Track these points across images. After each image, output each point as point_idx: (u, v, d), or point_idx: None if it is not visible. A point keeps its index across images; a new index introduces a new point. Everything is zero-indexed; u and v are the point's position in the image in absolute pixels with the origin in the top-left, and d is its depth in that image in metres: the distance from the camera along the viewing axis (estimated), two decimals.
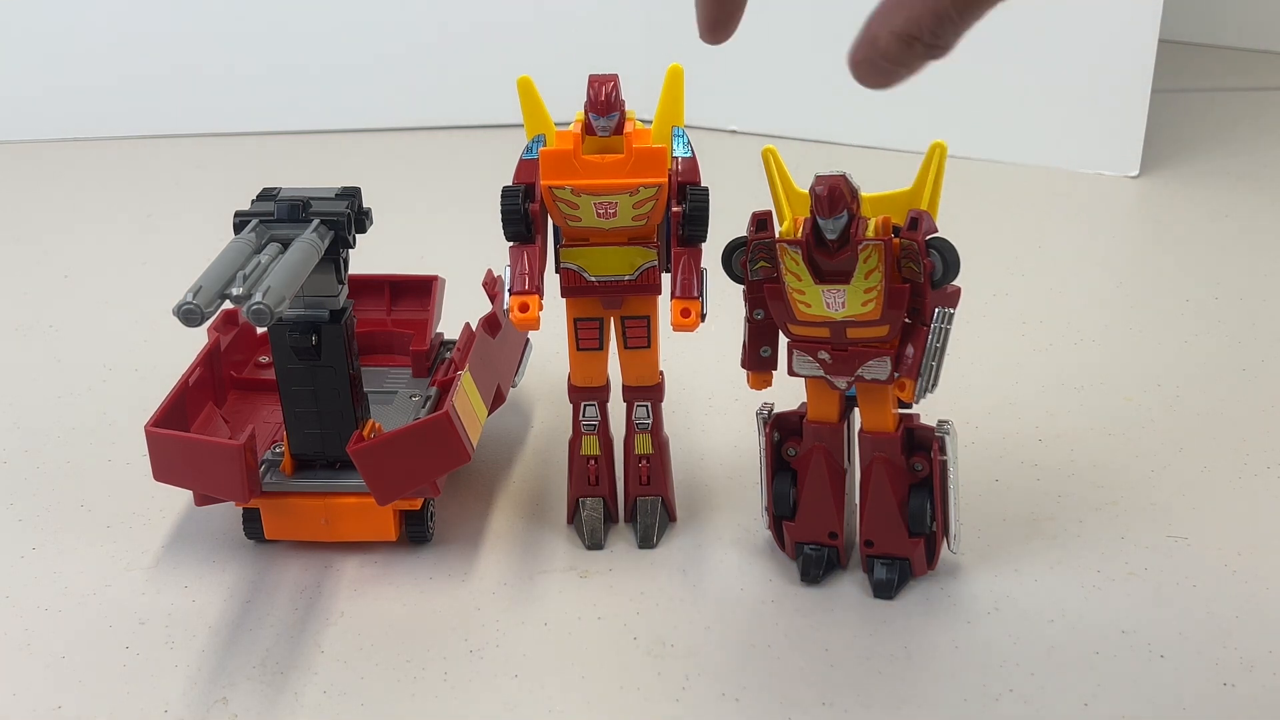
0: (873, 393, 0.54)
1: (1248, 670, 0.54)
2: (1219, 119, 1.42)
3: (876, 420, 0.55)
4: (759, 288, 0.54)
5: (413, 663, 0.55)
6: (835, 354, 0.53)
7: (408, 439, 0.57)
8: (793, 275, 0.52)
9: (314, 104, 1.40)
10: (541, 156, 0.55)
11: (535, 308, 0.55)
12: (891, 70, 0.42)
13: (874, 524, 0.57)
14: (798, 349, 0.54)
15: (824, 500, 0.57)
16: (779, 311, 0.53)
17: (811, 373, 0.54)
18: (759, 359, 0.56)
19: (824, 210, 0.50)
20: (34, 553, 0.63)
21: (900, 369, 0.53)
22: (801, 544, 0.58)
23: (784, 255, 0.51)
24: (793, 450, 0.58)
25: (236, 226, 0.56)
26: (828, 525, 0.57)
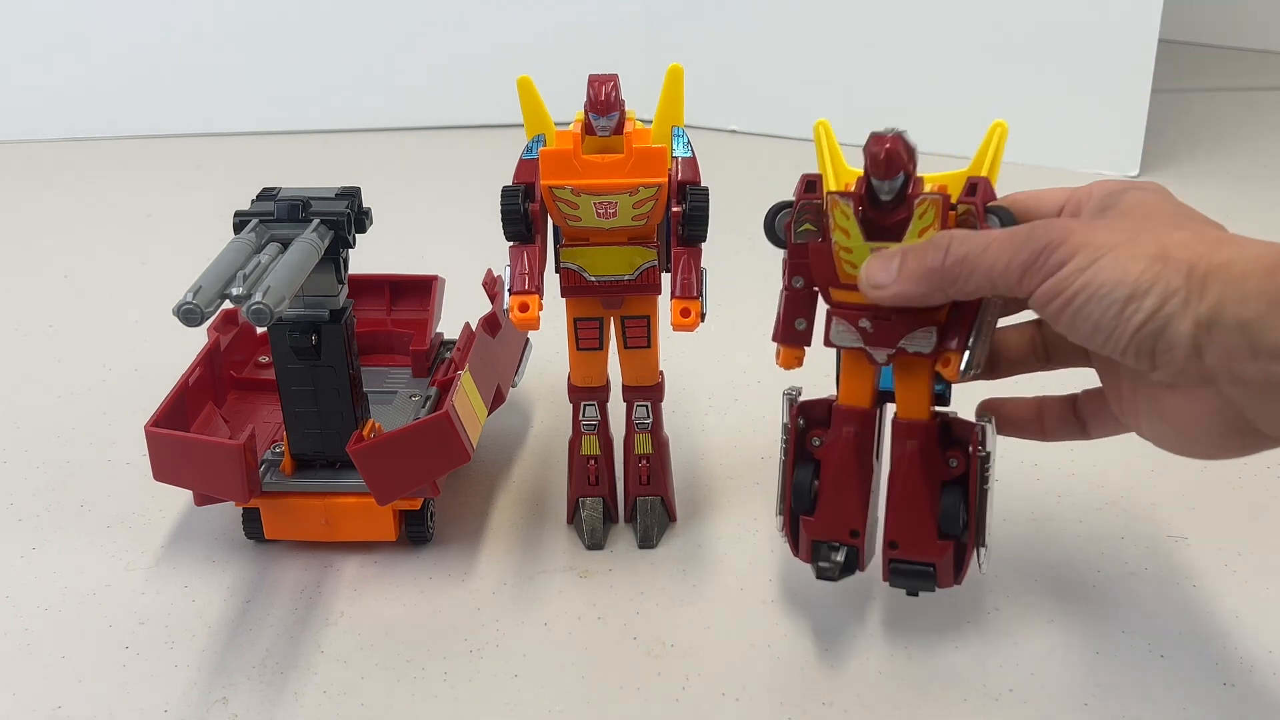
0: (911, 372, 0.50)
1: (1248, 670, 0.54)
2: (1219, 119, 1.42)
3: (913, 404, 0.51)
4: (802, 251, 0.50)
5: (413, 663, 0.55)
6: (878, 323, 0.49)
7: (408, 439, 0.57)
8: (841, 232, 0.48)
9: (314, 104, 1.40)
10: (541, 156, 0.55)
11: (535, 307, 0.55)
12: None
13: (901, 522, 0.51)
14: (838, 316, 0.50)
15: (848, 492, 0.52)
16: (822, 274, 0.50)
17: (850, 343, 0.50)
18: (793, 332, 0.52)
19: (880, 171, 0.47)
20: (34, 553, 0.63)
21: (946, 342, 0.49)
22: (819, 543, 0.53)
23: (834, 209, 0.48)
24: (817, 440, 0.53)
25: (236, 226, 0.56)
26: (849, 521, 0.52)
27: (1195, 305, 0.41)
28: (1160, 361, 0.42)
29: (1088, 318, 0.42)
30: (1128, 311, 0.41)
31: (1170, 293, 0.41)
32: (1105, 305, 0.42)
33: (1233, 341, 0.40)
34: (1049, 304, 0.43)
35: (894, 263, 0.47)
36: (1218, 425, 0.43)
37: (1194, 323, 0.41)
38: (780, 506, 0.54)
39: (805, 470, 0.53)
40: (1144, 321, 0.41)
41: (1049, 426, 0.54)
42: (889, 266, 0.47)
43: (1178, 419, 0.44)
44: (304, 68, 1.39)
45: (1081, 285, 0.42)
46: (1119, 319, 0.42)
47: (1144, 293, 0.41)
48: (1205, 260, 0.41)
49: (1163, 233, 0.43)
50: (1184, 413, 0.44)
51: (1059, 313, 0.43)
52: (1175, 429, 0.45)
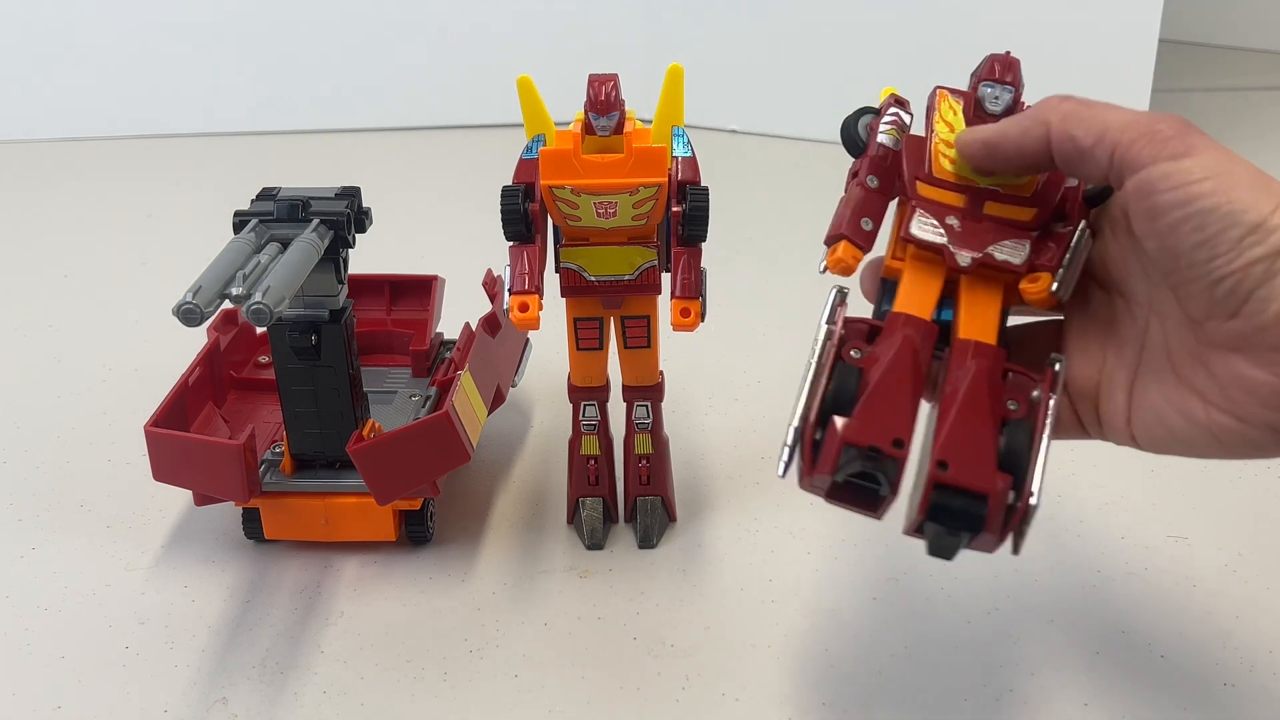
0: (985, 290, 0.44)
1: (1248, 670, 0.54)
2: (1219, 119, 1.42)
3: (981, 325, 0.43)
4: (885, 155, 0.46)
5: (413, 663, 0.55)
6: (967, 222, 0.44)
7: (407, 439, 0.57)
8: (945, 125, 0.46)
9: (314, 104, 1.40)
10: (541, 156, 0.55)
11: (535, 307, 0.55)
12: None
13: (957, 442, 0.41)
14: (923, 210, 0.44)
15: (900, 394, 0.41)
16: (914, 165, 0.45)
17: (933, 238, 0.44)
18: (859, 228, 0.44)
19: (997, 74, 0.46)
20: (34, 553, 0.63)
21: (1039, 258, 0.43)
22: (852, 447, 0.40)
23: (942, 102, 0.46)
24: (857, 352, 0.43)
25: (236, 226, 0.56)
26: (897, 429, 0.41)
27: None
28: (1248, 309, 0.38)
29: (1200, 227, 0.38)
30: (1248, 240, 0.38)
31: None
32: (1228, 222, 0.38)
33: None
34: (1164, 188, 0.39)
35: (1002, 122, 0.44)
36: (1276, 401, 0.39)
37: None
38: (800, 419, 0.41)
39: (851, 371, 0.42)
40: (1260, 258, 0.38)
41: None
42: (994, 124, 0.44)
43: (1229, 391, 0.40)
44: (304, 68, 1.39)
45: (1212, 188, 0.38)
46: (1237, 244, 0.38)
47: (1275, 227, 0.38)
48: None
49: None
50: (1241, 381, 0.40)
51: (1172, 205, 0.39)
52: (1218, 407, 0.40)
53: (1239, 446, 0.41)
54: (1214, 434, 0.41)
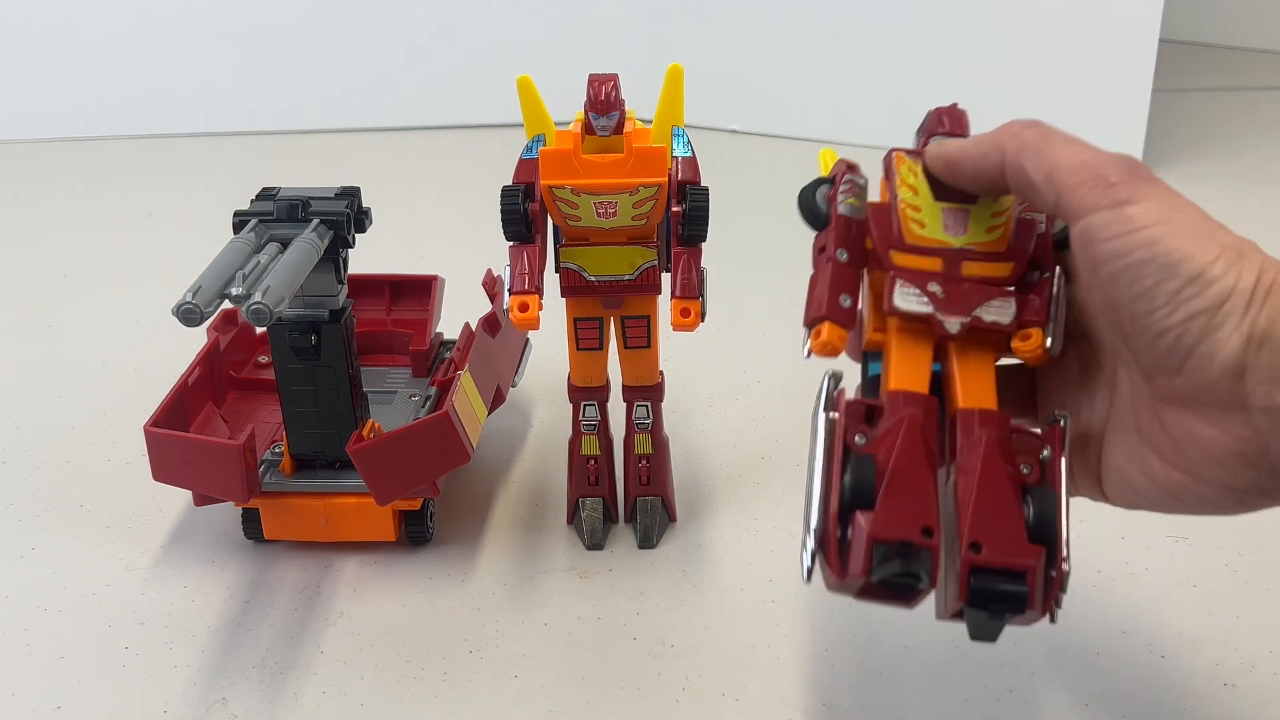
0: (977, 353, 0.43)
1: (1248, 670, 0.54)
2: (1220, 118, 1.42)
3: (981, 393, 0.42)
4: (849, 225, 0.44)
5: (412, 663, 0.55)
6: (950, 286, 0.42)
7: (407, 439, 0.57)
8: (909, 189, 0.44)
9: (314, 104, 1.40)
10: (541, 156, 0.55)
11: (535, 307, 0.55)
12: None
13: (985, 520, 0.39)
14: (903, 280, 0.43)
15: (920, 479, 0.40)
16: (883, 235, 0.43)
17: (918, 308, 0.42)
18: (839, 306, 0.43)
19: (946, 127, 0.45)
20: (33, 553, 0.63)
21: (1026, 314, 0.42)
22: (882, 544, 0.39)
23: (900, 165, 0.44)
24: (861, 438, 0.41)
25: (236, 226, 0.56)
26: (923, 517, 0.39)
27: (1253, 314, 0.36)
28: (1192, 366, 0.37)
29: (1140, 278, 0.37)
30: (1186, 292, 0.36)
31: (1238, 291, 0.36)
32: (1166, 274, 0.37)
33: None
34: (1103, 237, 0.38)
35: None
36: (1232, 458, 0.37)
37: (1246, 336, 0.36)
38: (817, 518, 0.40)
39: (865, 462, 0.40)
40: (1199, 311, 0.36)
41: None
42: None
43: (1182, 449, 0.39)
44: (304, 67, 1.39)
45: (1151, 238, 0.37)
46: (1175, 296, 0.37)
47: (1212, 279, 0.36)
48: (1273, 270, 0.36)
49: (1235, 235, 0.38)
50: (1193, 440, 0.38)
51: (1111, 256, 0.38)
52: (1174, 465, 0.39)
53: (1196, 504, 0.40)
54: (1172, 492, 0.40)
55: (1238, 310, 0.36)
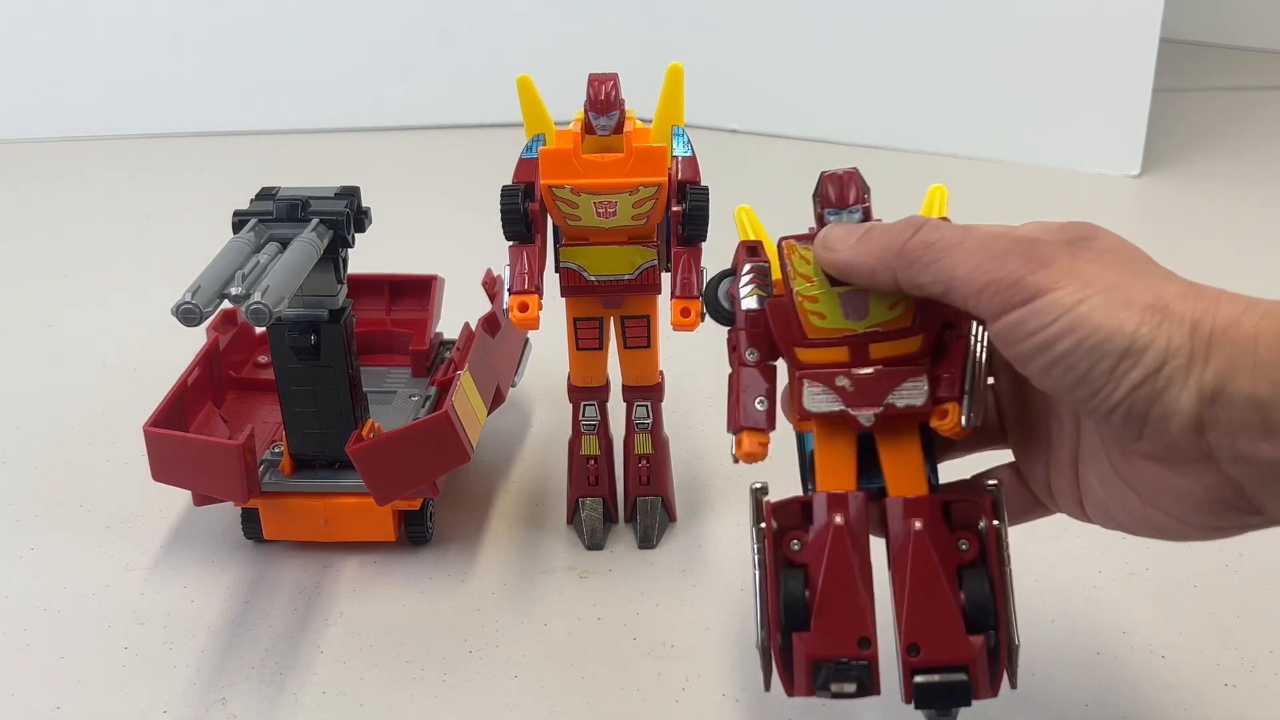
0: (899, 439, 0.43)
1: (1249, 671, 0.54)
2: (1220, 118, 1.42)
3: (907, 478, 0.42)
4: (756, 319, 0.44)
5: (412, 663, 0.55)
6: (858, 378, 0.42)
7: (407, 439, 0.56)
8: (803, 279, 0.42)
9: (314, 104, 1.40)
10: (541, 156, 0.55)
11: (535, 307, 0.55)
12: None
13: (920, 620, 0.40)
14: (810, 379, 0.42)
15: (850, 593, 0.41)
16: (785, 333, 0.43)
17: (829, 407, 0.42)
18: (754, 413, 0.43)
19: (835, 200, 0.43)
20: (32, 553, 0.63)
21: (940, 390, 0.42)
22: (820, 663, 0.41)
23: (791, 255, 0.43)
24: (797, 544, 0.42)
25: (235, 226, 0.56)
26: (857, 630, 0.41)
27: (1199, 370, 0.35)
28: (1150, 431, 0.36)
29: (1071, 367, 0.36)
30: (1122, 367, 0.35)
31: (1172, 351, 0.35)
32: (1096, 356, 0.36)
33: (1242, 417, 0.34)
34: (1020, 337, 0.37)
35: (857, 232, 0.41)
36: (1209, 504, 0.37)
37: (1197, 393, 0.35)
38: (762, 634, 0.42)
39: (795, 577, 0.41)
40: (1140, 382, 0.35)
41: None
42: (850, 232, 0.41)
43: (1158, 495, 0.38)
44: (304, 68, 1.39)
45: (1068, 326, 0.36)
46: (1111, 375, 0.36)
47: (1143, 348, 0.35)
48: (1209, 317, 0.35)
49: (1155, 281, 0.37)
50: (1167, 488, 0.38)
51: (1034, 352, 0.37)
52: (1152, 505, 0.39)
53: (1178, 536, 0.39)
54: (1152, 526, 0.40)
55: (1180, 370, 0.35)
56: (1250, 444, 0.35)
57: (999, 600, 0.41)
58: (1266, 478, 0.35)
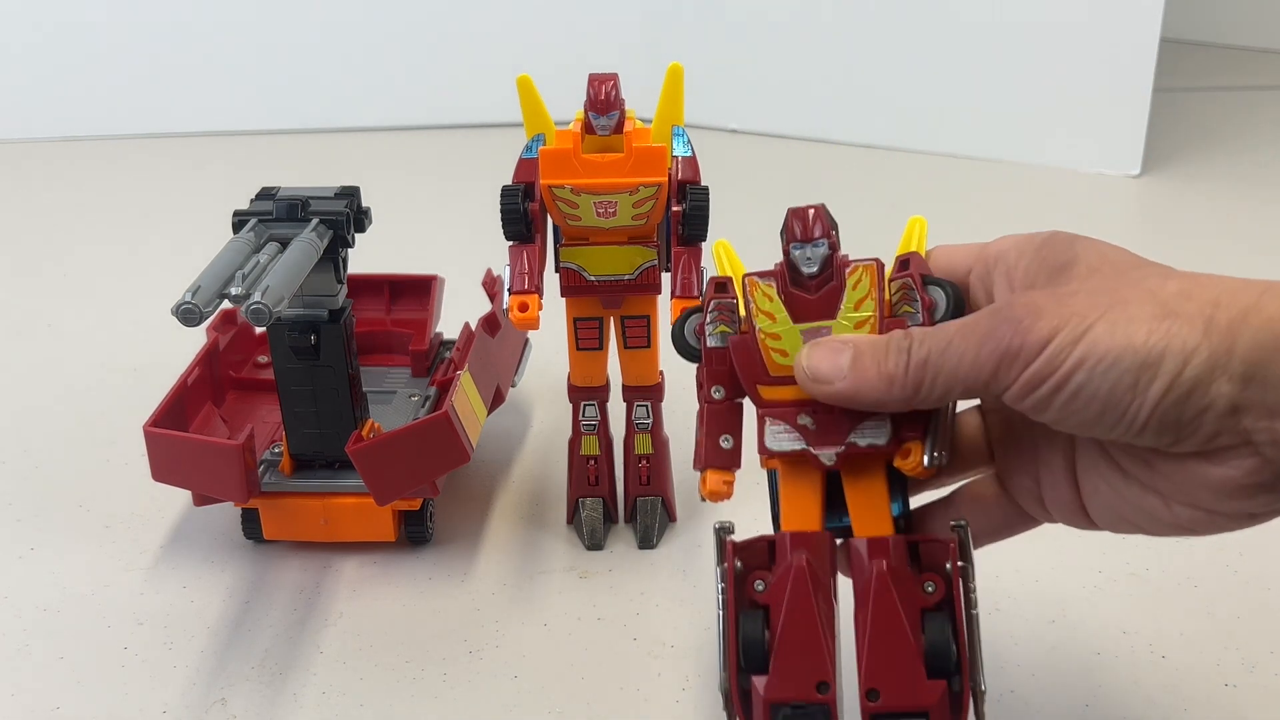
0: (864, 478, 0.42)
1: (1249, 671, 0.53)
2: (1221, 118, 1.42)
3: (872, 518, 0.42)
4: (721, 357, 0.43)
5: (412, 663, 0.55)
6: (820, 417, 0.41)
7: (407, 439, 0.56)
8: (765, 316, 0.42)
9: (314, 104, 1.40)
10: (541, 156, 0.55)
11: (535, 307, 0.55)
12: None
13: (880, 665, 0.40)
14: (771, 418, 0.42)
15: (810, 635, 0.40)
16: (748, 370, 0.42)
17: (790, 446, 0.42)
18: (719, 452, 0.43)
19: (800, 234, 0.42)
20: (32, 553, 0.63)
21: (903, 431, 0.41)
22: (779, 706, 0.40)
23: (754, 292, 0.42)
24: (761, 585, 0.42)
25: (235, 226, 0.56)
26: (816, 673, 0.40)
27: (1225, 361, 0.34)
28: (1187, 432, 0.36)
29: (1091, 398, 0.36)
30: (1142, 382, 0.35)
31: (1189, 352, 0.34)
32: (1113, 380, 0.35)
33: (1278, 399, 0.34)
34: (1034, 392, 0.36)
35: (844, 357, 0.39)
36: (1247, 490, 0.36)
37: (1228, 381, 0.34)
38: (724, 676, 0.41)
39: (753, 619, 0.41)
40: (1165, 390, 0.35)
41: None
42: (838, 361, 0.39)
43: (1188, 491, 0.37)
44: (304, 68, 1.39)
45: (1077, 362, 0.35)
46: (1133, 393, 0.35)
47: (1159, 357, 0.34)
48: (1224, 309, 0.35)
49: (1152, 286, 0.36)
50: (1201, 482, 0.37)
51: (1048, 399, 0.36)
52: (1180, 502, 0.38)
53: (1211, 530, 0.39)
54: (1181, 526, 0.39)
55: (1203, 369, 0.35)
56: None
57: (963, 643, 0.40)
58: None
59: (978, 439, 0.45)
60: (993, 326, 0.37)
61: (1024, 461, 0.43)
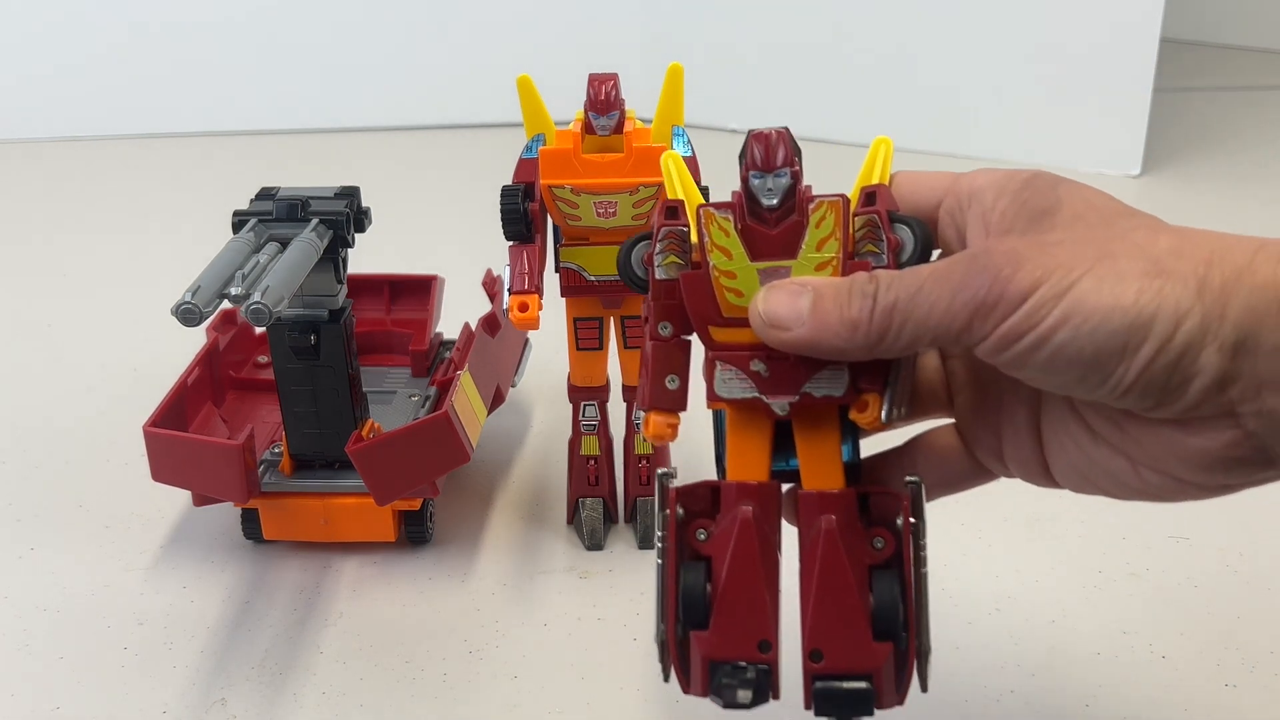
0: (817, 428, 0.39)
1: (1249, 671, 0.53)
2: (1221, 118, 1.42)
3: (822, 470, 0.39)
4: (670, 289, 0.40)
5: (412, 664, 0.55)
6: (774, 364, 0.38)
7: (407, 439, 0.56)
8: (720, 252, 0.38)
9: (314, 104, 1.40)
10: (541, 156, 0.55)
11: (535, 307, 0.55)
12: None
13: (825, 623, 0.38)
14: (723, 362, 0.39)
15: (753, 592, 0.39)
16: (699, 309, 0.39)
17: (741, 394, 0.39)
18: (665, 392, 0.41)
19: (762, 163, 0.38)
20: (32, 553, 0.63)
21: (861, 382, 0.38)
22: (719, 665, 0.39)
23: (709, 225, 0.39)
24: (703, 534, 0.40)
25: (235, 226, 0.56)
26: (758, 631, 0.39)
27: (1216, 326, 0.32)
28: (1171, 399, 0.33)
29: (1075, 359, 0.33)
30: (1131, 345, 0.33)
31: (1182, 314, 0.32)
32: (1100, 341, 0.33)
33: (1269, 369, 0.32)
34: (1011, 347, 0.34)
35: (803, 300, 0.36)
36: (1223, 462, 0.35)
37: (1217, 350, 0.32)
38: (660, 627, 0.39)
39: (695, 571, 0.39)
40: (1154, 354, 0.33)
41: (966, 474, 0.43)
42: (796, 305, 0.36)
43: (1160, 457, 0.36)
44: (304, 68, 1.39)
45: (1061, 319, 0.33)
46: (1121, 356, 0.33)
47: (1150, 318, 0.32)
48: (1217, 268, 0.33)
49: (1141, 240, 0.34)
50: (1175, 450, 0.35)
51: (1026, 356, 0.34)
52: (1149, 468, 0.36)
53: (1178, 497, 0.37)
54: (1149, 491, 0.37)
55: (1195, 332, 0.33)
56: (1277, 396, 0.32)
57: (911, 602, 0.38)
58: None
59: (936, 383, 0.43)
60: (969, 274, 0.34)
61: (986, 413, 0.41)
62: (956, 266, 0.35)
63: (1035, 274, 0.33)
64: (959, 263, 0.35)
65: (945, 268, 0.35)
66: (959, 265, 0.35)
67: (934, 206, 0.40)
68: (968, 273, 0.34)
